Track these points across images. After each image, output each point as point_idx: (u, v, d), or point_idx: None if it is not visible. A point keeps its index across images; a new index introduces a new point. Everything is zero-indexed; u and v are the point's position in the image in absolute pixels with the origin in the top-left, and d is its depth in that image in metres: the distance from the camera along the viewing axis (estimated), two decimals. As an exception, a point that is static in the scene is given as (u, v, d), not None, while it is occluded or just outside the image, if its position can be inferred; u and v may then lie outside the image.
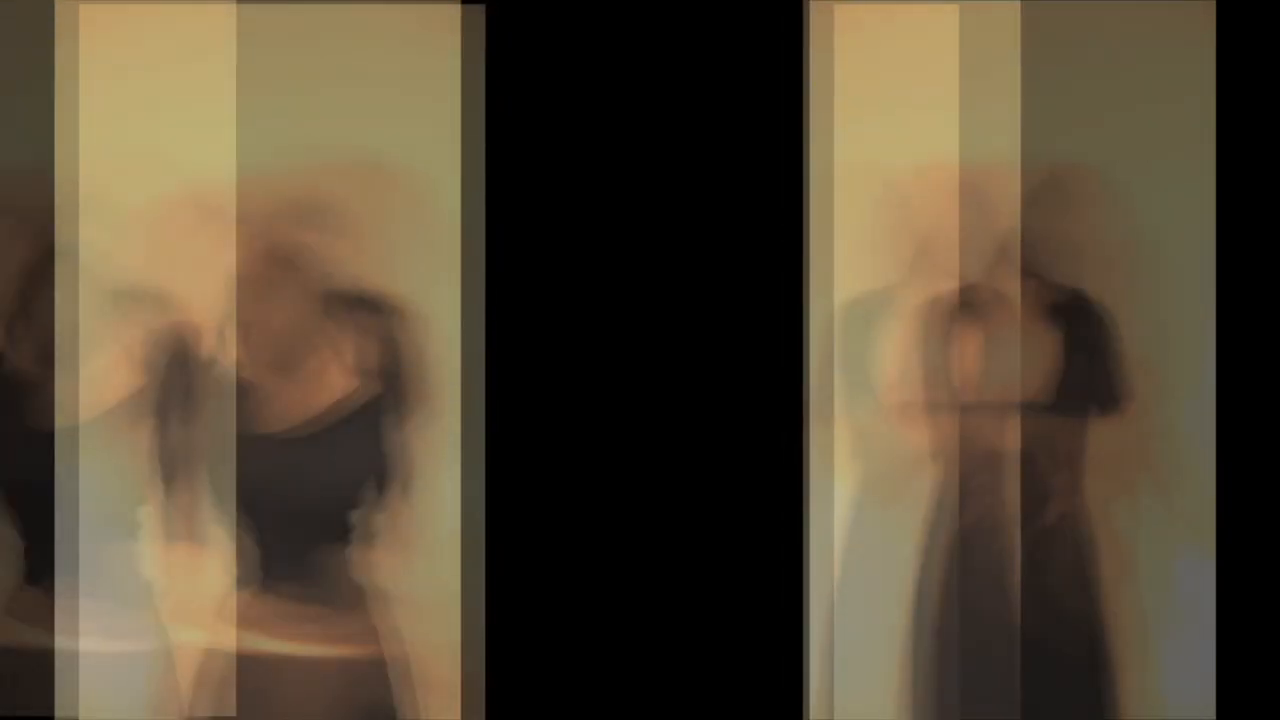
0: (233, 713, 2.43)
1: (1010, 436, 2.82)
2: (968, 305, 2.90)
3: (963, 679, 2.84)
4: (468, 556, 2.72)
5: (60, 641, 2.56)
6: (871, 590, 3.01)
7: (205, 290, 2.63)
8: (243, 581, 2.49)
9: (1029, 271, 2.86)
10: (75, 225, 2.77)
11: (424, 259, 2.84)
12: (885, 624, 2.92)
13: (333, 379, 2.53)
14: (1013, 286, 2.87)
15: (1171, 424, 2.89)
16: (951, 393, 2.86)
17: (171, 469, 2.51)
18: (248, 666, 2.44)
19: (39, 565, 2.58)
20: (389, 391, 2.57)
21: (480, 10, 2.80)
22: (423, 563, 2.74)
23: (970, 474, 2.84)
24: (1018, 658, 2.81)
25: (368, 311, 2.58)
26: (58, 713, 2.57)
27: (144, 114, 3.12)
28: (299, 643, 2.48)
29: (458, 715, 2.70)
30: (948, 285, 2.91)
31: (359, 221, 2.78)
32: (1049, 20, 3.08)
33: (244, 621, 2.46)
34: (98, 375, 2.63)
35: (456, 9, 2.83)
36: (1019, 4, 3.02)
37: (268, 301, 2.52)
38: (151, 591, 2.55)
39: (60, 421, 2.61)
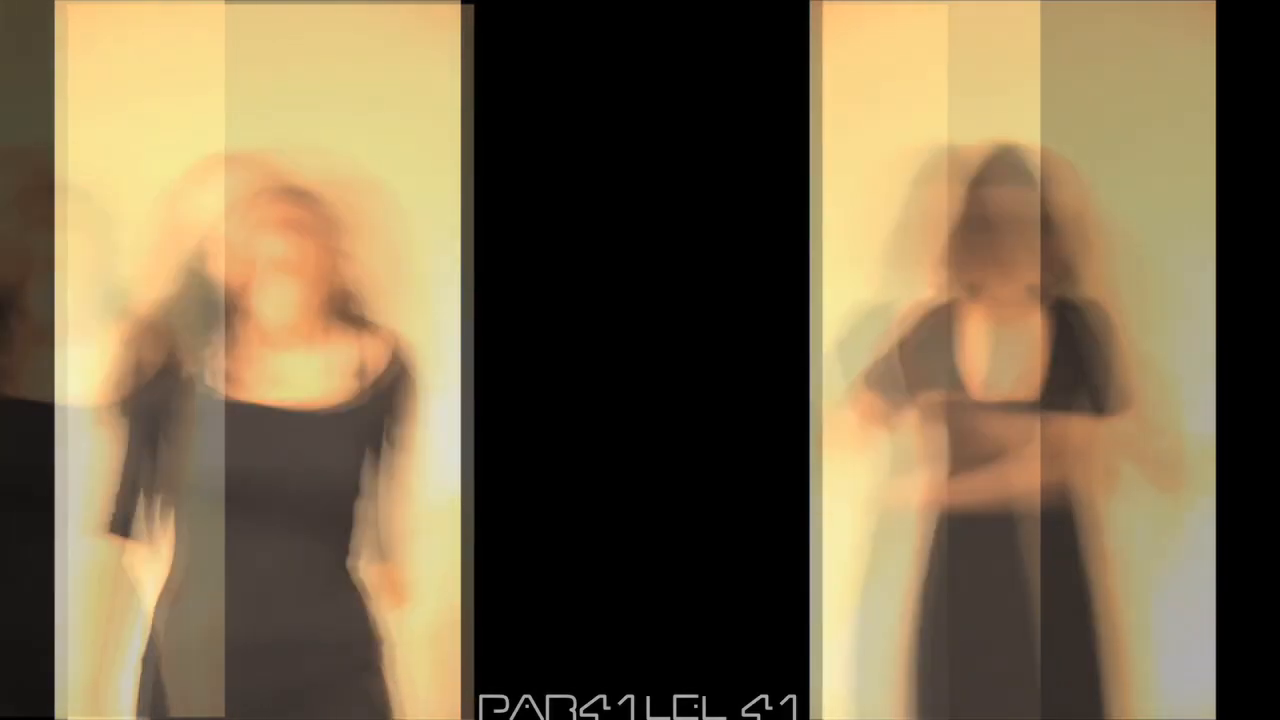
0: (221, 713, 2.43)
1: (1009, 436, 2.82)
2: (967, 305, 2.90)
3: (962, 678, 2.84)
4: (463, 574, 2.73)
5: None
6: (873, 589, 3.01)
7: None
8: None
9: (1029, 271, 2.86)
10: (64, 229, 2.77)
11: (418, 262, 2.85)
12: (886, 623, 2.93)
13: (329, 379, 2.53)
14: (1013, 286, 2.87)
15: (1171, 424, 2.89)
16: (951, 392, 2.86)
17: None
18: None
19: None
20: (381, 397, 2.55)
21: (469, 10, 2.80)
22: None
23: (970, 473, 2.84)
24: (1018, 657, 2.81)
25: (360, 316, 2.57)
26: (58, 713, 2.57)
27: (131, 111, 3.12)
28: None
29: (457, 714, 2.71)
30: (947, 285, 2.91)
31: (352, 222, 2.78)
32: (1052, 20, 3.08)
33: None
34: (87, 369, 2.63)
35: (456, 8, 2.83)
36: (1038, 4, 3.02)
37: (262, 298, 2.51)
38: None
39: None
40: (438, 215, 2.88)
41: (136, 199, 3.19)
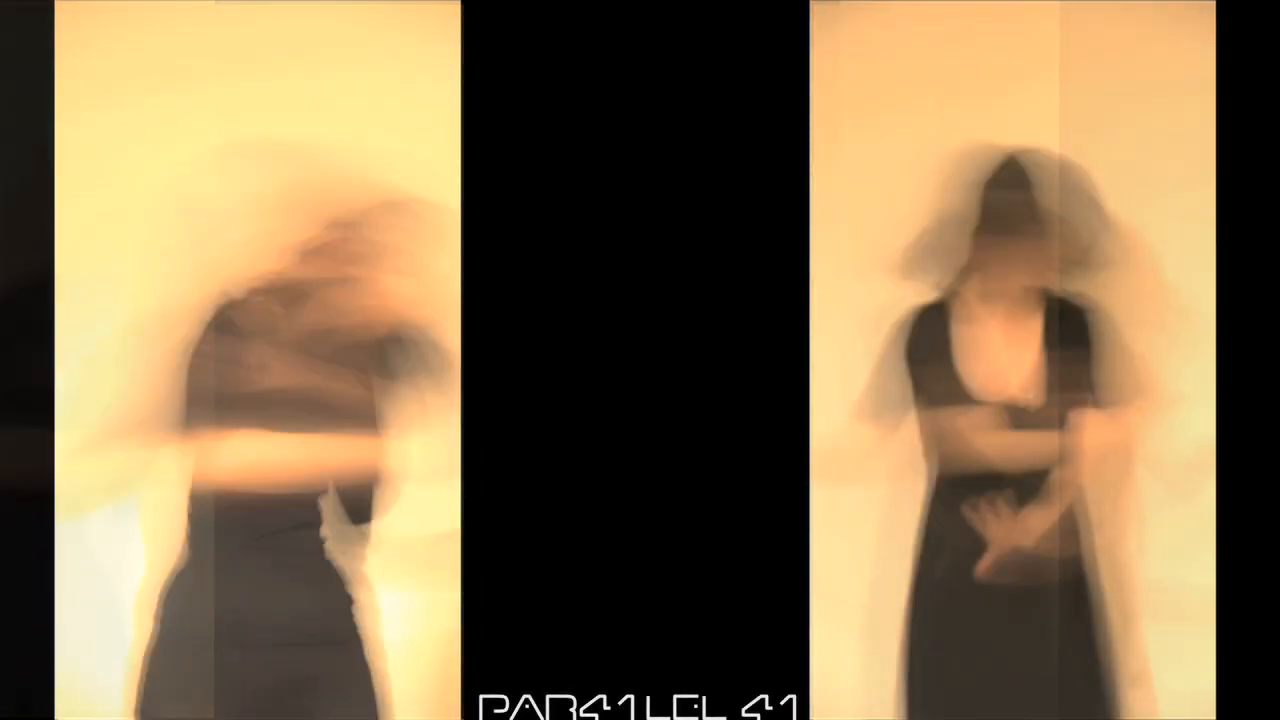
0: (211, 715, 2.42)
1: (1009, 436, 2.82)
2: (967, 305, 2.90)
3: (961, 678, 2.84)
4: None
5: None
6: (873, 590, 3.01)
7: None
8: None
9: (1029, 271, 2.86)
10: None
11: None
12: (886, 623, 2.92)
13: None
14: (1013, 286, 2.87)
15: (1171, 424, 2.89)
16: (951, 393, 2.86)
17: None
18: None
19: None
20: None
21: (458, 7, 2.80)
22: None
23: (970, 473, 2.84)
24: (1017, 657, 2.81)
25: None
26: (58, 714, 2.57)
27: (125, 109, 3.12)
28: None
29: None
30: (948, 285, 2.91)
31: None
32: (1049, 21, 3.08)
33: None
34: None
35: (454, 7, 2.82)
36: (1036, 5, 3.03)
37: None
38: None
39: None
40: (434, 216, 2.88)
41: (133, 197, 3.20)
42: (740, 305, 2.76)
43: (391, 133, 3.19)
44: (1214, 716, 2.73)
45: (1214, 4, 2.81)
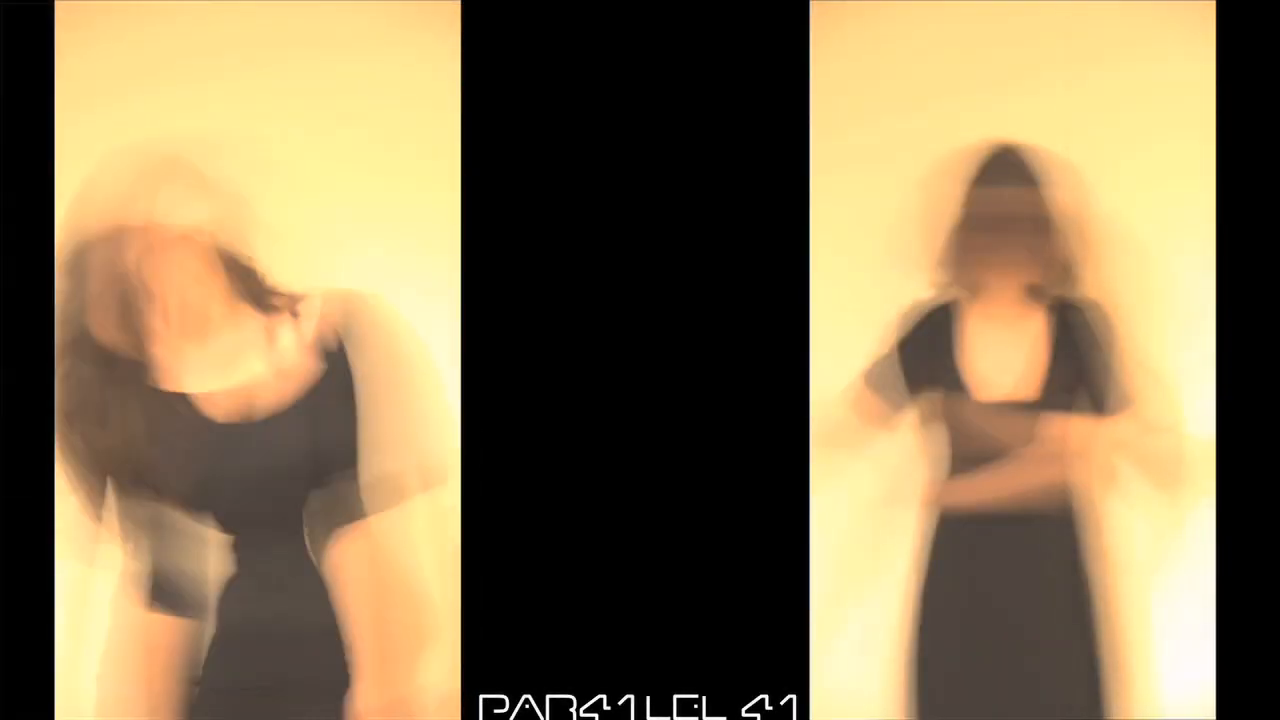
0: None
1: (1009, 436, 2.82)
2: (967, 305, 2.90)
3: (962, 678, 2.84)
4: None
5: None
6: (872, 590, 3.01)
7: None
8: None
9: (1029, 271, 2.86)
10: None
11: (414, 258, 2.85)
12: (885, 623, 2.93)
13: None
14: (1013, 286, 2.87)
15: (1171, 424, 2.89)
16: (951, 392, 2.86)
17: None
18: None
19: None
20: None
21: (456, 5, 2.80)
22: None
23: (970, 474, 2.84)
24: (1017, 657, 2.81)
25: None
26: (59, 714, 2.56)
27: (123, 107, 3.12)
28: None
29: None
30: (947, 285, 2.91)
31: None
32: (1050, 21, 3.08)
33: None
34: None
35: (453, 5, 2.82)
36: (1036, 4, 3.03)
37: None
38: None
39: None
40: (433, 217, 2.88)
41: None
42: (739, 308, 2.75)
43: (391, 132, 3.20)
44: (1214, 717, 2.73)
45: (1214, 4, 2.81)
